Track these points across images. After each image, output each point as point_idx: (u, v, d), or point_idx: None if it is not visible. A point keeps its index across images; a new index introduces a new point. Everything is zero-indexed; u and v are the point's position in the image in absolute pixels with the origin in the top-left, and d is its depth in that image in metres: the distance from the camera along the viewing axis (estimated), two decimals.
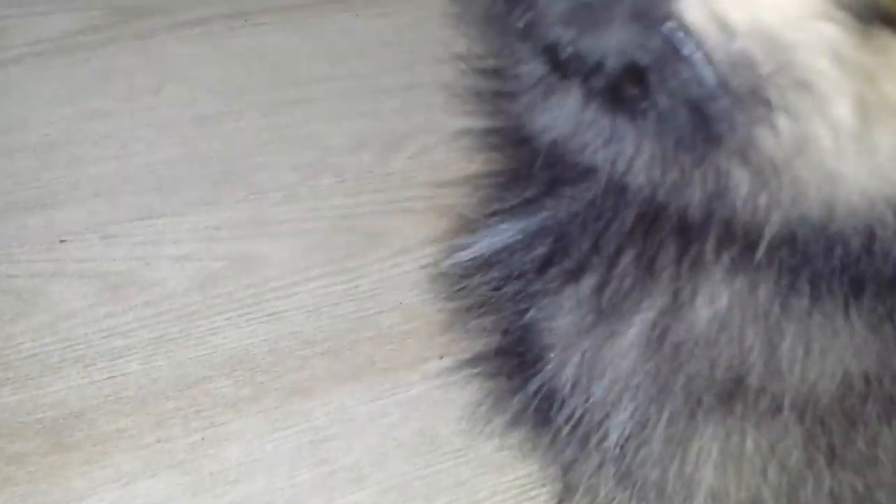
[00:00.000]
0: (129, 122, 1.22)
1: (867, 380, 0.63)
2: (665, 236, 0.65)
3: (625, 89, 0.57)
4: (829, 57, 0.53)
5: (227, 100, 1.25)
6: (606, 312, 0.68)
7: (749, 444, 0.68)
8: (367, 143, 1.23)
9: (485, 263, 0.79)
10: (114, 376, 1.04)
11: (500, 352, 0.81)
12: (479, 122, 0.79)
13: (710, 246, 0.64)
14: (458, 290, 0.84)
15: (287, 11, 1.35)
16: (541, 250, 0.72)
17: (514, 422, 0.84)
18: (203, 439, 1.00)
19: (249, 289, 1.10)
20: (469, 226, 0.83)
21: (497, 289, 0.78)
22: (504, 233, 0.77)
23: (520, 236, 0.76)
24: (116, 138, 1.20)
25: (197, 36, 1.31)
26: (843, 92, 0.53)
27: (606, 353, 0.69)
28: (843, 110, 0.54)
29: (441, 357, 1.05)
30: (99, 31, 1.30)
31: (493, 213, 0.79)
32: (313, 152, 1.22)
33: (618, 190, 0.65)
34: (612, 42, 0.55)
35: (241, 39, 1.31)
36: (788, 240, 0.60)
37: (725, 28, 0.53)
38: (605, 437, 0.72)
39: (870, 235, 0.58)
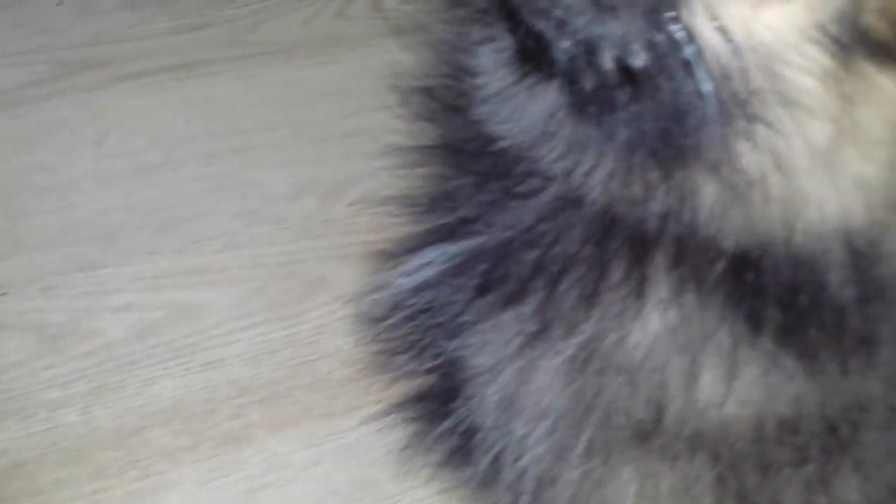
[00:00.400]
0: (70, 174, 1.23)
1: (782, 425, 0.63)
2: (612, 257, 0.65)
3: (615, 91, 0.58)
4: (815, 78, 0.55)
5: (169, 150, 1.26)
6: (541, 337, 0.67)
7: (664, 486, 0.69)
8: (308, 190, 1.24)
9: (407, 299, 0.79)
10: (52, 427, 1.04)
11: (424, 393, 0.81)
12: (418, 140, 0.78)
13: (658, 265, 0.63)
14: (382, 332, 0.84)
15: (231, 62, 1.37)
16: (476, 276, 0.71)
17: (443, 463, 0.84)
18: (140, 489, 1.00)
19: (188, 338, 1.10)
20: (390, 261, 0.83)
21: (419, 326, 0.78)
22: (431, 263, 0.76)
23: (449, 263, 0.74)
24: (58, 190, 1.21)
25: (141, 87, 1.32)
26: (823, 113, 0.55)
27: (529, 384, 0.68)
28: (820, 131, 0.56)
29: (378, 402, 1.06)
30: (43, 85, 1.31)
31: (420, 241, 0.79)
32: (254, 200, 1.23)
33: (569, 204, 0.64)
34: (620, 33, 0.56)
35: (185, 90, 1.33)
36: (740, 264, 0.60)
37: (725, 38, 0.55)
38: (523, 475, 0.72)
39: (821, 264, 0.59)
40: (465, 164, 0.71)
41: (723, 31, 0.55)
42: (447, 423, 0.75)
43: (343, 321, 1.13)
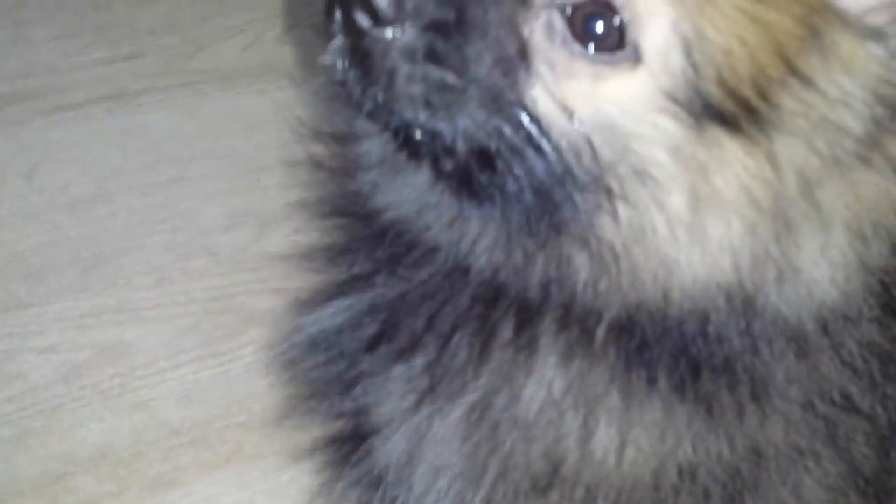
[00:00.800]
0: None
1: (681, 472, 0.62)
2: (502, 317, 0.66)
3: (473, 173, 0.59)
4: (666, 149, 0.55)
5: (101, 182, 1.23)
6: (434, 393, 0.67)
7: None
8: (242, 222, 1.21)
9: (314, 345, 0.78)
10: None
11: (336, 438, 0.79)
12: (315, 193, 0.79)
13: (547, 328, 0.64)
14: (293, 375, 0.83)
15: (167, 91, 1.34)
16: (370, 329, 0.71)
17: None
18: None
19: (115, 379, 1.07)
20: (302, 306, 0.82)
21: (328, 371, 0.77)
22: (332, 314, 0.76)
23: (346, 315, 0.75)
24: None
25: (73, 119, 1.29)
26: (678, 183, 0.55)
27: (426, 439, 0.68)
28: (677, 201, 0.56)
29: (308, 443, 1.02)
30: None
31: (325, 291, 0.78)
32: (187, 233, 1.20)
33: (458, 270, 0.65)
34: (464, 125, 0.57)
35: (119, 121, 1.30)
36: (626, 325, 0.61)
37: (571, 117, 0.55)
38: None
39: (703, 320, 0.59)
40: (356, 227, 0.72)
41: (566, 109, 0.55)
42: (354, 473, 0.73)
43: (277, 358, 1.09)
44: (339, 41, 0.57)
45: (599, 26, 0.54)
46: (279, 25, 1.43)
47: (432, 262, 0.66)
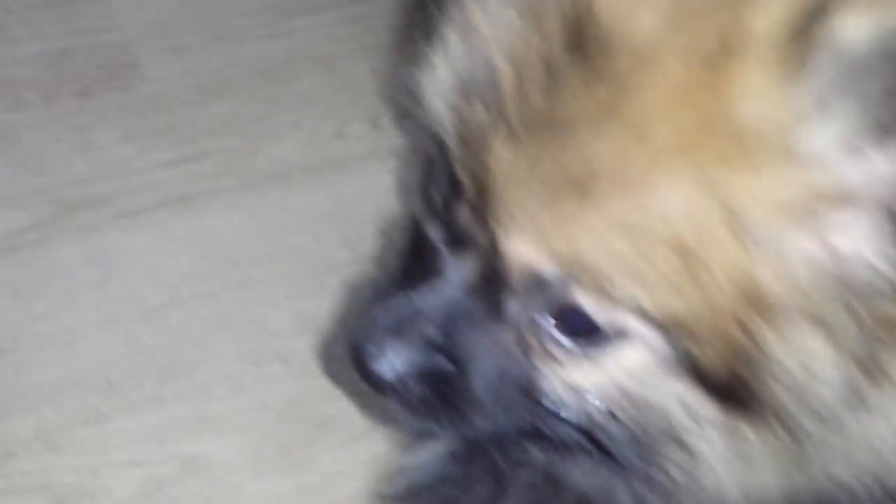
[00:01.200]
0: (74, 322, 1.22)
1: None
2: None
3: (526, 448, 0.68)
4: (683, 406, 0.59)
5: (172, 289, 1.26)
6: None
7: None
8: (310, 325, 1.23)
9: (418, 491, 0.80)
10: None
11: None
12: None
13: None
14: None
15: (227, 192, 1.36)
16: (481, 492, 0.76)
17: None
18: None
19: (197, 492, 1.09)
20: (404, 447, 0.84)
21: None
22: (436, 458, 0.79)
23: (442, 458, 0.77)
24: (62, 340, 1.21)
25: (142, 225, 1.32)
26: (712, 429, 0.59)
27: None
28: (717, 443, 0.60)
29: None
30: (44, 227, 1.31)
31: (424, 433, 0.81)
32: (258, 338, 1.22)
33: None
34: (496, 424, 0.65)
35: (183, 225, 1.33)
36: None
37: (585, 396, 0.61)
38: None
39: None
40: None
41: (578, 390, 0.60)
42: None
43: (354, 464, 1.11)
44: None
45: (577, 321, 0.58)
46: (336, 120, 1.45)
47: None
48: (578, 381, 0.60)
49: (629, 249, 0.54)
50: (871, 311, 0.53)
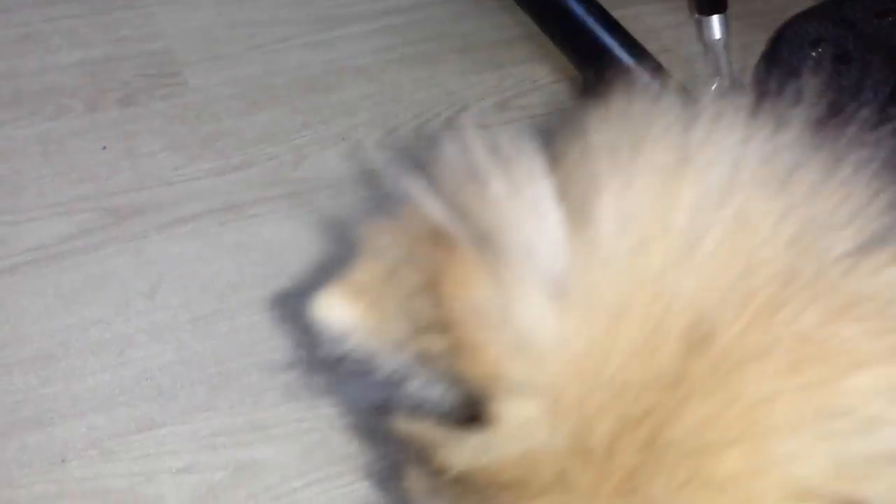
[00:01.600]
0: (124, 329, 1.23)
1: None
2: None
3: None
4: None
5: (221, 297, 1.27)
6: None
7: None
8: None
9: None
10: None
11: None
12: None
13: None
14: None
15: (276, 201, 1.38)
16: None
17: None
18: None
19: (250, 499, 1.10)
20: None
21: None
22: None
23: None
24: (112, 346, 1.22)
25: (189, 233, 1.33)
26: None
27: None
28: None
29: None
30: (92, 235, 1.32)
31: None
32: (308, 346, 1.23)
33: None
34: None
35: (232, 234, 1.33)
36: None
37: None
38: None
39: None
40: None
41: None
42: None
43: None
44: None
45: None
46: (379, 130, 1.47)
47: None
48: None
49: None
50: None
